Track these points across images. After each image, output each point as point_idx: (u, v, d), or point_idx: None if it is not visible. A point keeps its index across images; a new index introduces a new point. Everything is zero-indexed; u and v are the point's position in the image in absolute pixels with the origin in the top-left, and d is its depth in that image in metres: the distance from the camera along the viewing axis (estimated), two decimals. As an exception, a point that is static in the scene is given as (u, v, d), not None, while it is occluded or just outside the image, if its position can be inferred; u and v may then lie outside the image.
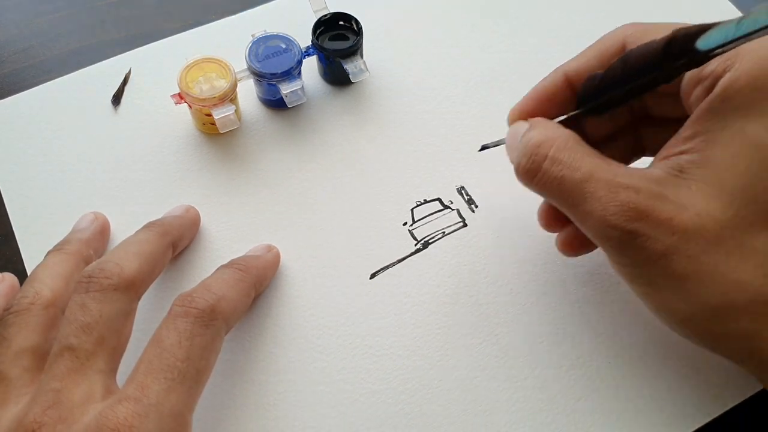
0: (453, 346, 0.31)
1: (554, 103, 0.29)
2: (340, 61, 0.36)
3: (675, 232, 0.23)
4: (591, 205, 0.24)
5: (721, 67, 0.24)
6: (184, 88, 0.33)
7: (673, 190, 0.24)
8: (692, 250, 0.23)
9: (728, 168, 0.23)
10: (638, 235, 0.23)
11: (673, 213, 0.23)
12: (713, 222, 0.23)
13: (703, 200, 0.23)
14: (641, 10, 0.42)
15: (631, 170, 0.25)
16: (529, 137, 0.27)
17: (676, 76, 0.25)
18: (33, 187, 0.35)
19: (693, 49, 0.23)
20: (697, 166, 0.24)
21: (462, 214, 0.35)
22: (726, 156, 0.23)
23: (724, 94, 0.24)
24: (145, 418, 0.22)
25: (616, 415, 0.30)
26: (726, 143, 0.23)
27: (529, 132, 0.27)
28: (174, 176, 0.35)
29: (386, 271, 0.33)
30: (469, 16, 0.42)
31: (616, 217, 0.24)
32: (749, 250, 0.23)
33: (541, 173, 0.26)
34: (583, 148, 0.26)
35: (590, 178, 0.25)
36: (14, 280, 0.30)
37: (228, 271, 0.29)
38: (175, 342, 0.24)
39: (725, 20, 0.22)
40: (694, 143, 0.24)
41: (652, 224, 0.23)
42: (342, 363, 0.31)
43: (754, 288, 0.23)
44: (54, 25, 0.41)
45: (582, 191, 0.25)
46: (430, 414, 0.29)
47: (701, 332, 0.25)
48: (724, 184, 0.23)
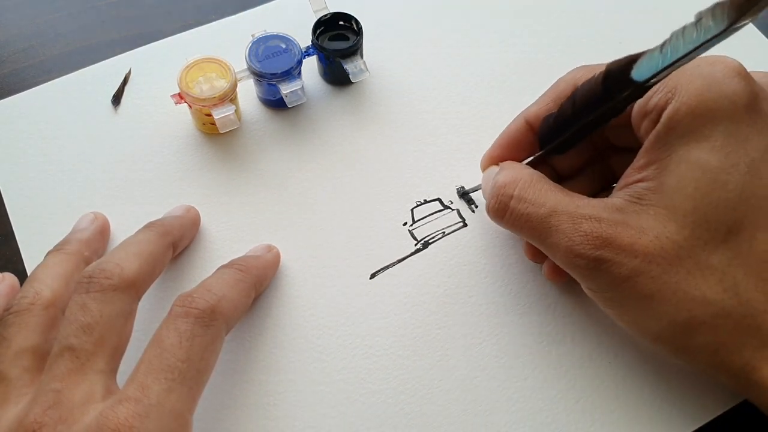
0: (453, 346, 0.31)
1: (520, 147, 0.31)
2: (340, 61, 0.36)
3: (637, 256, 0.25)
4: (557, 238, 0.26)
5: (663, 100, 0.26)
6: (184, 88, 0.33)
7: (633, 217, 0.25)
8: (654, 271, 0.25)
9: (678, 191, 0.25)
10: (604, 261, 0.25)
11: (634, 238, 0.25)
12: (671, 243, 0.25)
13: (659, 224, 0.25)
14: (640, 10, 0.42)
15: (592, 201, 0.27)
16: (496, 179, 0.29)
17: (623, 108, 0.27)
18: (33, 187, 0.35)
19: (630, 80, 0.24)
20: (653, 192, 0.26)
21: (462, 214, 0.35)
22: (675, 181, 0.25)
23: (668, 124, 0.26)
24: (145, 419, 0.22)
25: (617, 415, 0.30)
26: (674, 169, 0.25)
27: (497, 175, 0.29)
28: (174, 176, 0.35)
29: (386, 271, 0.33)
30: (469, 16, 0.42)
31: (581, 246, 0.26)
32: (707, 267, 0.25)
33: (509, 212, 0.28)
34: (547, 185, 0.28)
35: (554, 212, 0.27)
36: (14, 280, 0.30)
37: (228, 271, 0.29)
38: (176, 342, 0.24)
39: (650, 48, 0.23)
40: (648, 171, 0.26)
41: (615, 250, 0.25)
42: (342, 363, 0.31)
43: (715, 303, 0.24)
44: (54, 25, 0.41)
45: (548, 225, 0.27)
46: (429, 414, 0.29)
47: (672, 348, 0.26)
48: (676, 207, 0.25)
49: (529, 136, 0.31)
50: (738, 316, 0.24)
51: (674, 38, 0.22)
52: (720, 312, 0.24)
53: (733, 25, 0.21)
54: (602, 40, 0.41)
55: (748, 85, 0.26)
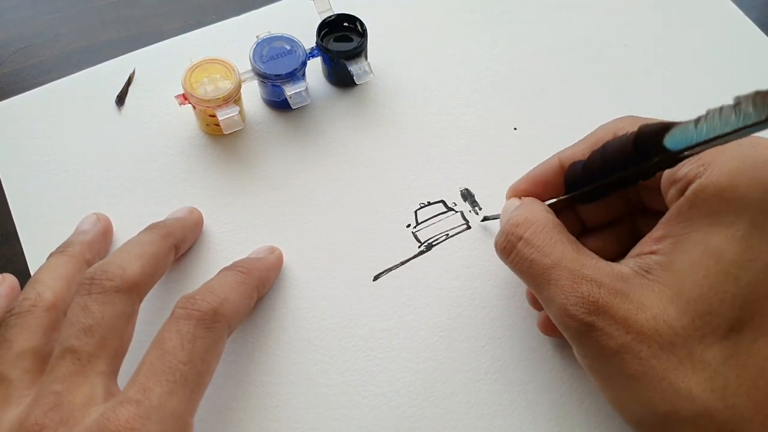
0: (456, 348, 0.31)
1: (548, 187, 0.30)
2: (345, 63, 0.36)
3: (630, 332, 0.23)
4: (554, 292, 0.25)
5: (693, 172, 0.24)
6: (188, 88, 0.33)
7: (636, 289, 0.24)
8: (644, 352, 0.23)
9: (688, 275, 0.23)
10: (595, 329, 0.24)
11: (631, 312, 0.23)
12: (667, 327, 0.23)
13: (661, 304, 0.23)
14: (646, 12, 0.42)
15: (599, 263, 0.25)
16: (510, 216, 0.28)
17: (653, 173, 0.25)
18: (37, 187, 0.35)
19: (662, 147, 0.23)
20: (663, 269, 0.24)
21: (466, 216, 0.35)
22: (687, 263, 0.24)
23: (693, 200, 0.24)
24: (146, 421, 0.22)
25: (620, 419, 0.29)
26: (689, 250, 0.24)
27: (514, 211, 0.28)
28: (178, 177, 0.35)
29: (389, 273, 0.33)
30: (474, 18, 0.42)
31: (575, 308, 0.24)
32: (700, 361, 0.23)
33: (515, 253, 0.27)
34: (558, 235, 0.26)
35: (557, 265, 0.25)
36: (14, 281, 0.30)
37: (231, 273, 0.29)
38: (177, 344, 0.24)
39: (685, 121, 0.22)
40: (663, 245, 0.24)
41: (608, 320, 0.24)
42: (345, 365, 0.30)
43: (701, 401, 0.22)
44: (54, 25, 0.41)
45: (548, 277, 0.25)
46: (432, 416, 0.29)
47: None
48: (682, 290, 0.23)
49: (559, 178, 0.30)
50: (721, 419, 0.22)
51: (710, 117, 0.21)
52: (703, 412, 0.22)
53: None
54: (607, 42, 0.41)
55: None
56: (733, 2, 0.42)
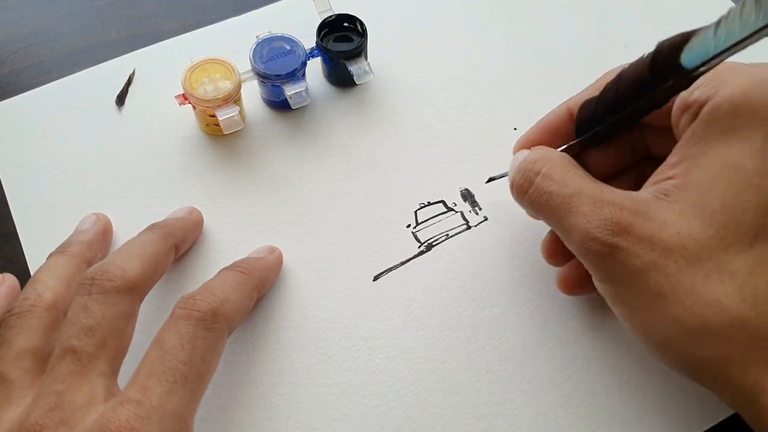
0: (456, 348, 0.31)
1: (557, 136, 0.30)
2: (345, 63, 0.36)
3: (655, 249, 0.23)
4: (576, 219, 0.25)
5: (705, 95, 0.25)
6: (188, 88, 0.33)
7: (657, 211, 0.24)
8: (671, 267, 0.23)
9: (708, 190, 0.24)
10: (619, 250, 0.24)
11: (655, 230, 0.24)
12: (693, 241, 0.23)
13: (683, 220, 0.24)
14: (645, 11, 0.42)
15: (618, 191, 0.26)
16: (525, 156, 0.28)
17: (667, 100, 0.26)
18: (37, 187, 0.35)
19: (678, 66, 0.24)
20: (681, 189, 0.24)
21: (465, 216, 0.35)
22: (707, 179, 0.24)
23: (706, 120, 0.24)
24: (146, 421, 0.22)
25: (620, 419, 0.29)
26: (707, 167, 0.24)
27: (528, 155, 0.28)
28: (178, 177, 0.35)
29: (389, 273, 0.33)
30: (474, 18, 0.42)
31: (598, 230, 0.24)
32: (727, 272, 0.23)
33: (532, 188, 0.27)
34: (576, 169, 0.27)
35: (577, 193, 0.26)
36: (14, 281, 0.30)
37: (231, 273, 0.29)
38: (177, 344, 0.24)
39: (703, 28, 0.22)
40: (680, 169, 0.25)
41: (633, 239, 0.24)
42: (345, 365, 0.30)
43: (730, 311, 0.23)
44: (54, 25, 0.41)
45: (568, 205, 0.26)
46: (432, 417, 0.29)
47: (678, 356, 0.24)
48: (704, 205, 0.24)
49: (568, 126, 0.30)
50: (753, 328, 0.22)
51: (731, 17, 0.21)
52: (734, 322, 0.22)
53: None
54: (607, 42, 0.41)
55: None
56: (733, 2, 0.42)
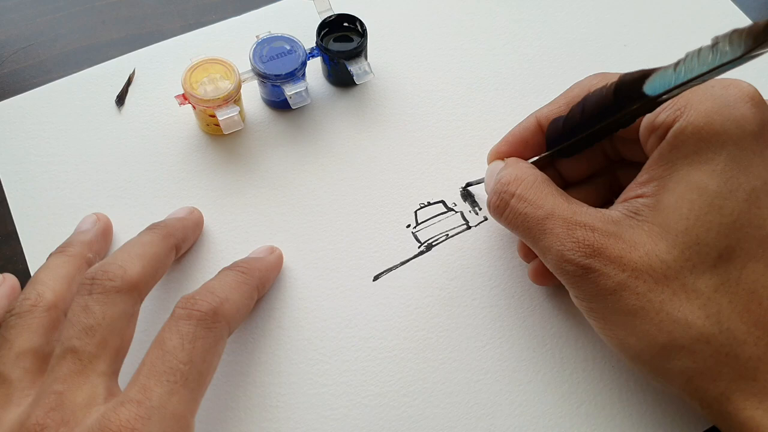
0: (456, 348, 0.31)
1: (528, 146, 0.31)
2: (345, 63, 0.36)
3: (625, 270, 0.25)
4: (550, 241, 0.26)
5: (671, 118, 0.26)
6: (188, 88, 0.33)
7: (627, 231, 0.25)
8: (640, 287, 0.24)
9: (674, 211, 0.25)
10: (592, 271, 0.25)
11: (624, 251, 0.25)
12: (659, 262, 0.24)
13: (651, 241, 0.25)
14: (645, 12, 0.42)
15: (590, 210, 0.27)
16: (500, 176, 0.29)
17: (632, 121, 0.26)
18: (37, 187, 0.35)
19: (641, 94, 0.24)
20: (649, 209, 0.25)
21: (465, 216, 0.35)
22: (672, 200, 0.25)
23: (673, 142, 0.25)
24: (147, 421, 0.22)
25: (620, 419, 0.29)
26: (672, 188, 0.25)
27: (501, 171, 0.29)
28: (177, 177, 0.35)
29: (389, 273, 0.33)
30: (474, 18, 0.42)
31: (572, 252, 0.25)
32: (693, 290, 0.24)
33: (508, 210, 0.28)
34: (548, 188, 0.28)
35: (551, 215, 0.26)
36: (15, 281, 0.30)
37: (231, 273, 0.29)
38: (178, 345, 0.24)
39: (664, 66, 0.23)
40: (648, 188, 0.26)
41: (604, 260, 0.25)
42: (345, 365, 0.30)
43: (697, 328, 0.24)
44: (54, 25, 0.41)
45: (543, 227, 0.27)
46: (432, 417, 0.29)
47: (649, 369, 0.26)
48: (669, 226, 0.25)
49: (538, 137, 0.31)
50: (717, 344, 0.24)
51: (689, 58, 0.22)
52: (699, 337, 0.24)
53: (750, 53, 0.20)
54: (606, 43, 0.41)
55: (759, 112, 0.25)
56: (733, 2, 0.42)
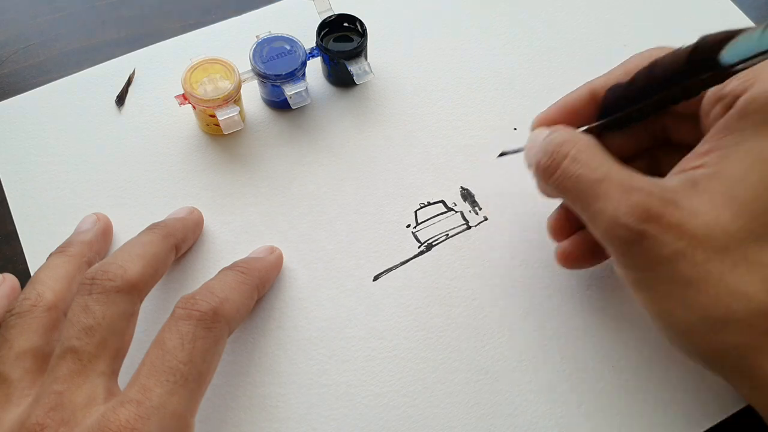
0: (456, 348, 0.31)
1: (578, 117, 0.30)
2: (345, 63, 0.36)
3: (683, 237, 0.23)
4: (603, 204, 0.25)
5: (741, 87, 0.25)
6: (188, 88, 0.33)
7: (686, 199, 0.24)
8: (699, 256, 0.23)
9: (740, 181, 0.24)
10: (647, 237, 0.24)
11: (684, 219, 0.24)
12: (722, 231, 0.23)
13: (713, 210, 0.24)
14: (645, 12, 0.42)
15: (647, 178, 0.25)
16: (551, 137, 0.28)
17: (699, 92, 0.26)
18: (37, 187, 0.35)
19: (717, 62, 0.23)
20: (710, 179, 0.24)
21: (465, 216, 0.35)
22: (739, 170, 0.24)
23: (742, 111, 0.24)
24: (147, 421, 0.22)
25: (619, 419, 0.29)
26: (740, 158, 0.24)
27: (552, 133, 0.28)
28: (177, 177, 0.35)
29: (389, 273, 0.33)
30: (474, 18, 0.42)
31: (627, 216, 0.24)
32: (755, 262, 0.23)
33: (560, 171, 0.27)
34: (603, 152, 0.27)
35: (606, 178, 0.25)
36: (15, 281, 0.30)
37: (231, 273, 0.29)
38: (178, 344, 0.24)
39: (749, 28, 0.22)
40: (710, 158, 0.25)
41: (662, 227, 0.24)
42: (345, 365, 0.30)
43: (756, 301, 0.23)
44: (54, 25, 0.41)
45: (596, 190, 0.25)
46: (432, 417, 0.29)
47: (699, 344, 0.25)
48: (735, 196, 0.24)
49: (589, 107, 0.29)
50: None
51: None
52: (758, 311, 0.23)
53: None
54: (607, 43, 0.41)
55: None
56: (733, 2, 0.42)
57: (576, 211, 0.27)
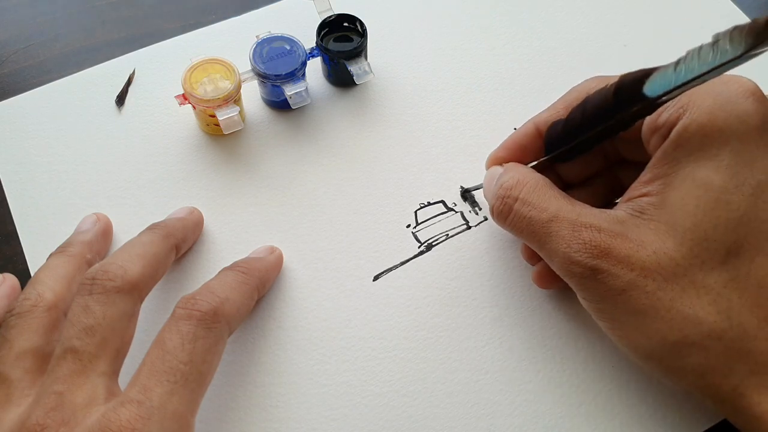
0: (456, 348, 0.31)
1: (526, 152, 0.31)
2: (345, 63, 0.36)
3: (633, 269, 0.24)
4: (556, 244, 0.26)
5: (674, 116, 0.26)
6: (188, 89, 0.33)
7: (633, 230, 0.25)
8: (650, 286, 0.24)
9: (680, 208, 0.25)
10: (600, 272, 0.25)
11: (632, 251, 0.25)
12: (668, 259, 0.24)
13: (659, 239, 0.25)
14: (645, 12, 0.42)
15: (595, 211, 0.26)
16: (502, 181, 0.29)
17: (633, 123, 0.26)
18: (37, 187, 0.35)
19: (642, 95, 0.24)
20: (655, 207, 0.25)
21: (465, 216, 0.35)
22: (678, 197, 0.25)
23: (677, 141, 0.25)
24: (147, 421, 0.22)
25: (620, 419, 0.30)
26: (678, 186, 0.25)
27: (503, 176, 0.29)
28: (177, 177, 0.35)
29: (389, 273, 0.33)
30: (474, 18, 0.42)
31: (579, 254, 0.25)
32: (702, 286, 0.24)
33: (512, 214, 0.28)
34: (551, 191, 0.27)
35: (555, 218, 0.26)
36: (15, 281, 0.30)
37: (231, 273, 0.29)
38: (178, 345, 0.24)
39: (664, 65, 0.23)
40: (653, 186, 0.26)
41: (612, 261, 0.25)
42: (345, 365, 0.30)
43: (708, 324, 0.24)
44: (54, 25, 0.41)
45: (548, 231, 0.26)
46: (432, 417, 0.29)
47: (661, 367, 0.26)
48: (677, 223, 0.25)
49: (536, 142, 0.31)
50: (728, 339, 0.24)
51: (689, 57, 0.22)
52: (711, 334, 0.24)
53: (750, 52, 0.20)
54: (607, 42, 0.41)
55: (762, 107, 0.25)
56: (733, 2, 0.42)
57: (534, 249, 0.28)
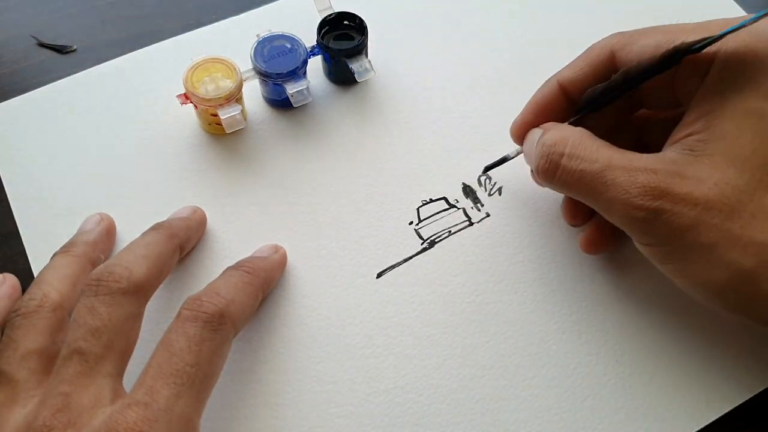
0: (460, 345, 0.31)
1: (552, 111, 0.30)
2: (345, 61, 0.36)
3: (697, 204, 0.24)
4: (613, 192, 0.26)
5: (710, 54, 0.26)
6: (189, 88, 0.33)
7: (688, 168, 0.25)
8: (716, 218, 0.24)
9: (736, 138, 0.25)
10: (663, 212, 0.25)
11: (692, 187, 0.24)
12: (731, 189, 0.24)
13: (717, 171, 0.24)
14: (646, 12, 0.42)
15: (645, 156, 0.26)
16: (544, 140, 0.28)
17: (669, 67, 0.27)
18: (38, 187, 0.35)
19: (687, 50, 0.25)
20: (706, 143, 0.25)
21: (468, 212, 0.35)
22: (731, 128, 0.25)
23: (719, 75, 0.25)
24: (154, 423, 0.23)
25: (624, 413, 0.30)
26: (729, 117, 0.25)
27: (543, 135, 0.28)
28: (180, 177, 0.35)
29: (393, 271, 0.33)
30: (475, 15, 0.41)
31: (638, 198, 0.25)
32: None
33: (560, 170, 0.27)
34: (597, 142, 0.27)
35: (608, 167, 0.26)
36: (15, 281, 0.30)
37: (236, 273, 0.29)
38: (185, 347, 0.24)
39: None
40: (699, 124, 0.26)
41: (674, 200, 0.24)
42: (349, 362, 0.31)
43: None
44: (54, 25, 0.41)
45: (603, 180, 0.26)
46: (437, 413, 0.30)
47: (737, 299, 0.25)
48: (734, 153, 0.24)
49: (561, 100, 0.30)
50: None
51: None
52: None
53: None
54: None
55: None
56: (734, 2, 0.42)
57: (587, 204, 0.28)
